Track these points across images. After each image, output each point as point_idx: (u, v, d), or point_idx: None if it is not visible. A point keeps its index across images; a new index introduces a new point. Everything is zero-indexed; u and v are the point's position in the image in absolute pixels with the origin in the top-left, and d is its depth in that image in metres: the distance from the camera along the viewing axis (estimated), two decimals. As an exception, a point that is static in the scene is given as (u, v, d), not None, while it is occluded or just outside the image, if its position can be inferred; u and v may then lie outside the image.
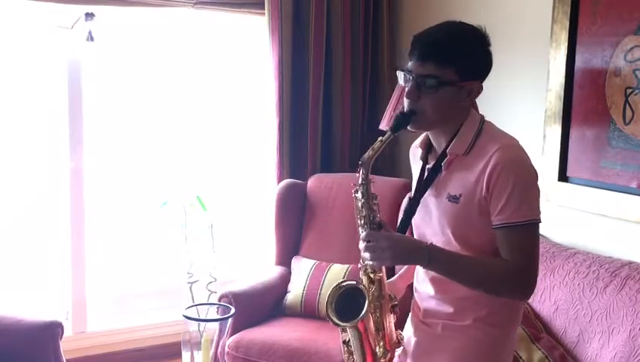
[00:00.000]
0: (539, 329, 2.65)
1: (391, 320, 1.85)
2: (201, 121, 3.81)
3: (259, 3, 3.56)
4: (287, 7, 3.58)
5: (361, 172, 1.79)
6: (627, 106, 2.66)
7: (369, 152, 1.77)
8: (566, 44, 2.86)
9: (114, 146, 3.65)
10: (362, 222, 1.80)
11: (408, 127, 1.75)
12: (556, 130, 2.93)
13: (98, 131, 3.58)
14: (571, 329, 2.57)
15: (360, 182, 1.80)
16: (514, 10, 3.15)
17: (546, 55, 2.96)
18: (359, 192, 1.81)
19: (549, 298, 2.69)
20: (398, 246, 1.72)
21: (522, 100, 3.13)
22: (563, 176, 2.92)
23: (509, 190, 1.66)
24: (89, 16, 3.29)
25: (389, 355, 1.83)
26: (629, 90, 2.65)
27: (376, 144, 1.76)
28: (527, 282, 1.72)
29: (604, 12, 2.73)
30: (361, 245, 1.75)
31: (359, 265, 1.84)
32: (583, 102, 2.84)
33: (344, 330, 1.84)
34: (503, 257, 1.71)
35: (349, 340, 1.84)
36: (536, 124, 2.99)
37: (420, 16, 3.76)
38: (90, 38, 3.30)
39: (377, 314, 1.81)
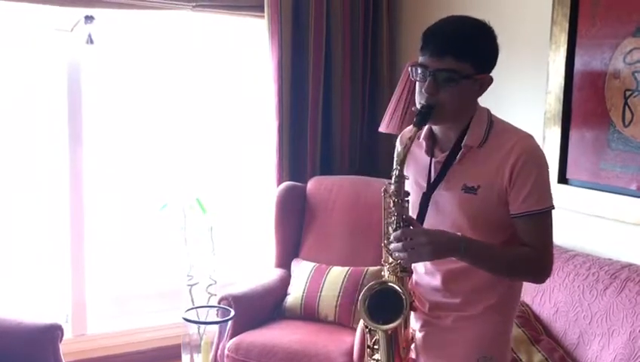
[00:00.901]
0: (539, 331, 2.64)
1: (409, 319, 1.87)
2: (201, 123, 3.81)
3: (258, 5, 3.57)
4: (287, 10, 3.58)
5: (394, 168, 1.77)
6: (626, 108, 2.66)
7: (401, 151, 1.77)
8: (565, 46, 2.87)
9: (114, 149, 3.65)
10: (392, 220, 1.77)
11: (428, 122, 1.77)
12: (556, 132, 2.93)
13: (98, 134, 3.58)
14: (571, 331, 2.57)
15: (394, 179, 1.77)
16: (513, 12, 3.15)
17: (545, 57, 2.96)
18: (391, 189, 1.77)
19: (549, 300, 2.69)
20: (437, 241, 1.72)
21: (522, 102, 3.13)
22: (562, 178, 2.92)
23: (533, 179, 1.73)
24: (88, 19, 3.29)
25: (405, 352, 1.84)
26: (628, 93, 2.66)
27: (407, 142, 1.76)
28: (548, 266, 1.81)
29: (604, 14, 2.73)
30: (394, 244, 1.73)
31: (386, 265, 1.83)
32: (583, 104, 2.84)
33: (369, 333, 1.83)
34: (525, 243, 1.77)
35: (374, 343, 1.83)
36: (536, 126, 2.99)
37: (419, 19, 3.76)
38: (90, 40, 3.30)
39: None
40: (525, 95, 3.11)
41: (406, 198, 1.77)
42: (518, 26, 3.11)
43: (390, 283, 1.80)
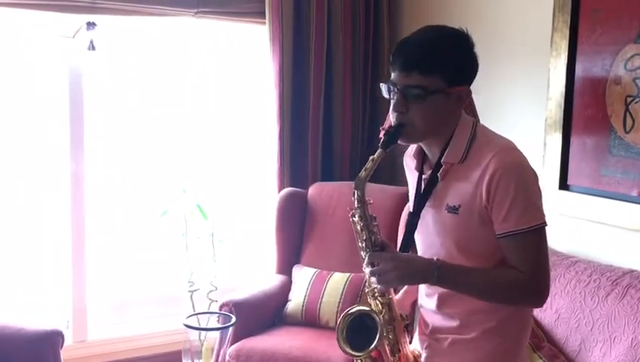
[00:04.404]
0: (540, 337, 2.64)
1: (406, 340, 1.81)
2: (202, 129, 3.82)
3: (260, 12, 3.58)
4: (288, 16, 3.59)
5: (355, 194, 1.73)
6: (627, 115, 2.67)
7: (362, 173, 1.70)
8: (566, 52, 2.87)
9: (115, 155, 3.65)
10: (364, 245, 1.74)
11: (399, 141, 1.69)
12: (557, 138, 2.93)
13: (99, 140, 3.58)
14: (573, 337, 2.56)
15: (356, 205, 1.73)
16: (514, 19, 3.15)
17: (546, 64, 2.96)
18: (357, 216, 1.74)
19: (551, 307, 2.68)
20: (405, 267, 1.67)
21: (523, 109, 3.13)
22: (564, 185, 2.92)
23: (512, 196, 1.61)
24: (91, 25, 3.30)
25: None
26: (629, 99, 2.66)
27: (369, 164, 1.70)
28: (540, 289, 1.67)
29: (604, 20, 2.74)
30: (366, 269, 1.70)
31: (366, 289, 1.79)
32: (584, 110, 2.84)
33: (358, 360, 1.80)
34: (513, 265, 1.65)
35: None
36: (537, 133, 3.00)
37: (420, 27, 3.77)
38: (92, 47, 3.31)
39: (391, 337, 1.76)
40: (526, 102, 3.11)
41: (374, 223, 1.73)
42: (519, 33, 3.11)
43: (362, 309, 1.78)
